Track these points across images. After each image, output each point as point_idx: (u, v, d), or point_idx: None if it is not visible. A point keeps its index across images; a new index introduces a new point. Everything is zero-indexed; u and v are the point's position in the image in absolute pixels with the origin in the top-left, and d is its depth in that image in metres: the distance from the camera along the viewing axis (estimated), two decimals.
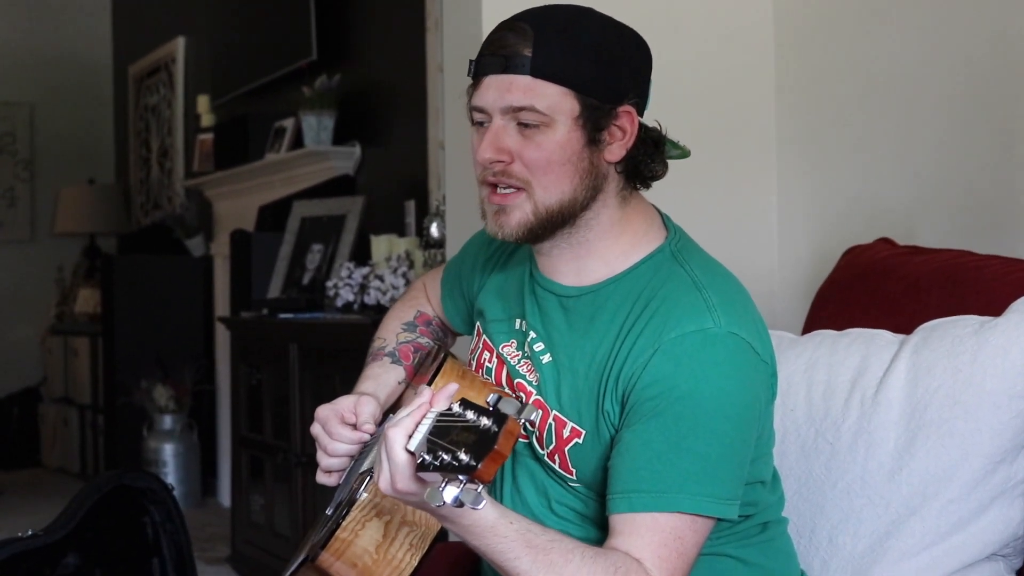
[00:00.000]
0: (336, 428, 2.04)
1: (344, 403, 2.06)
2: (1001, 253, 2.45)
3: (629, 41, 1.92)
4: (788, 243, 3.29)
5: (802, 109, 3.26)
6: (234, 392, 5.53)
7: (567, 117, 1.87)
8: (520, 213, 1.90)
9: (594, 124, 1.88)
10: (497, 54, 1.88)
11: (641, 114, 1.93)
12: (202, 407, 7.16)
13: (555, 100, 1.86)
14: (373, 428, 2.04)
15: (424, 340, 2.24)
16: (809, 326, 2.63)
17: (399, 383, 2.16)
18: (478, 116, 1.91)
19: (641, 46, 1.94)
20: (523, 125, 1.87)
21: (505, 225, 1.91)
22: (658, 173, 1.97)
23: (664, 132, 1.97)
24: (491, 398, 1.65)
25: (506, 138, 1.88)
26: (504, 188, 1.90)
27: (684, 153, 2.01)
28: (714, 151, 3.24)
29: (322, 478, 2.07)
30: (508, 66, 1.86)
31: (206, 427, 7.14)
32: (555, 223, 1.91)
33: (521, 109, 1.86)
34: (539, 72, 1.85)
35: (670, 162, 2.01)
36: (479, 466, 1.56)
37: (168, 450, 6.90)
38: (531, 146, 1.87)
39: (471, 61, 1.92)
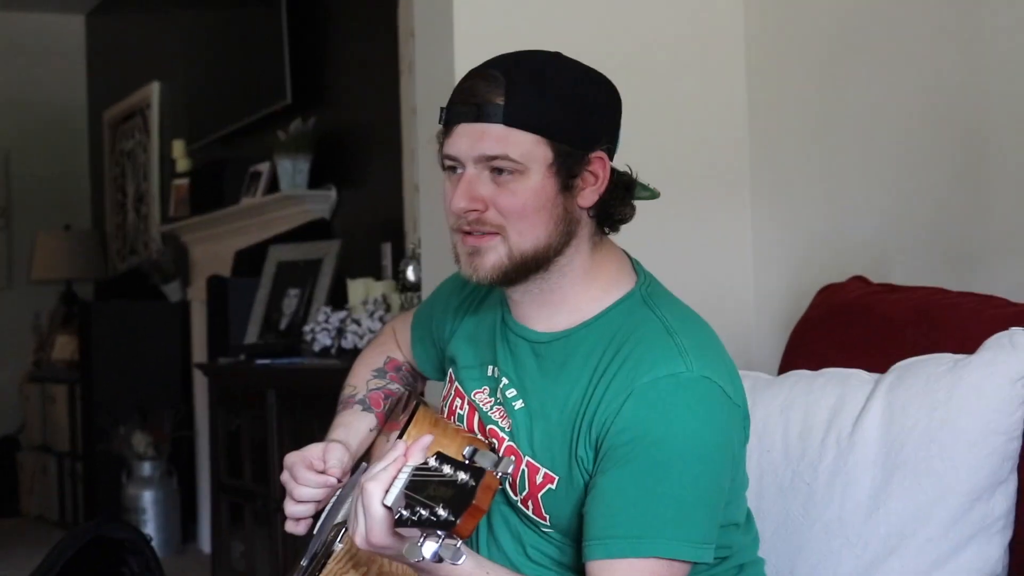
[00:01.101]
0: (302, 473, 2.02)
1: (312, 450, 2.05)
2: (976, 289, 2.46)
3: (600, 86, 1.92)
4: (764, 282, 3.29)
5: (775, 147, 3.26)
6: (213, 438, 5.51)
7: (541, 164, 1.86)
8: (495, 256, 1.89)
9: (567, 171, 1.88)
10: (469, 103, 1.87)
11: (611, 159, 1.93)
12: (181, 453, 7.13)
13: (528, 148, 1.85)
14: (339, 472, 2.03)
15: (395, 386, 2.23)
16: (785, 366, 2.63)
17: (371, 430, 2.14)
18: (450, 163, 1.91)
19: (611, 91, 1.94)
20: (496, 172, 1.86)
21: (480, 268, 1.90)
22: (627, 216, 1.97)
23: (635, 176, 1.97)
24: (467, 451, 1.65)
25: (480, 186, 1.87)
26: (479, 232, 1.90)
27: (653, 194, 2.01)
28: (687, 191, 3.24)
29: (291, 527, 2.05)
30: (480, 115, 1.85)
31: (185, 473, 7.11)
32: (529, 268, 1.90)
33: (495, 157, 1.85)
34: (512, 120, 1.84)
35: (645, 204, 2.01)
36: (458, 521, 1.56)
37: (147, 497, 6.87)
38: (505, 193, 1.86)
39: (442, 108, 1.92)
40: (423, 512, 1.58)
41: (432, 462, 1.64)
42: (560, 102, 1.86)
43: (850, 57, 3.03)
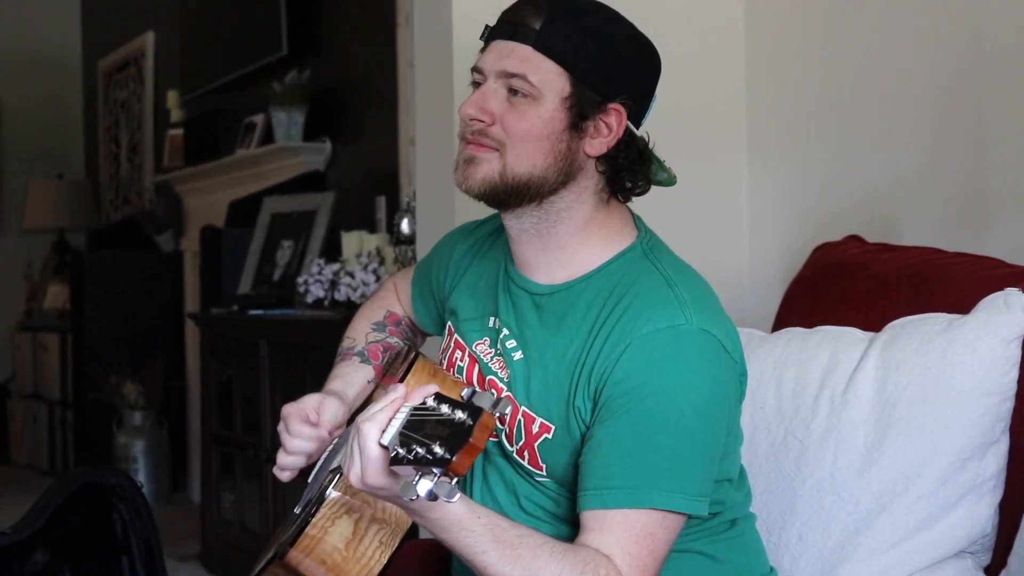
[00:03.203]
0: (295, 425, 2.04)
1: (308, 402, 2.07)
2: (971, 251, 2.46)
3: (638, 44, 1.94)
4: (759, 240, 3.30)
5: (773, 106, 3.26)
6: (204, 388, 5.51)
7: (556, 96, 1.88)
8: (488, 168, 1.91)
9: (580, 111, 1.89)
10: (508, 21, 1.92)
11: (636, 123, 1.93)
12: (172, 403, 7.13)
13: (548, 76, 1.88)
14: (330, 427, 2.05)
15: (394, 340, 2.24)
16: (779, 324, 2.63)
17: (368, 382, 2.16)
18: (476, 77, 1.94)
19: (650, 54, 1.96)
20: (512, 93, 1.89)
21: (470, 177, 1.92)
22: (638, 185, 1.97)
23: (651, 145, 1.97)
24: (465, 392, 1.65)
25: (493, 100, 1.90)
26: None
27: (670, 179, 2.01)
28: (684, 148, 3.21)
29: (276, 472, 2.08)
30: (515, 34, 1.89)
31: (176, 423, 7.12)
32: (520, 194, 1.91)
33: (514, 76, 1.88)
34: (541, 46, 1.87)
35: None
36: (454, 459, 1.56)
37: (138, 446, 6.87)
38: (514, 114, 1.89)
39: (486, 26, 1.96)
40: (419, 450, 1.58)
41: (430, 402, 1.65)
42: (593, 43, 1.89)
43: (852, 12, 3.02)
